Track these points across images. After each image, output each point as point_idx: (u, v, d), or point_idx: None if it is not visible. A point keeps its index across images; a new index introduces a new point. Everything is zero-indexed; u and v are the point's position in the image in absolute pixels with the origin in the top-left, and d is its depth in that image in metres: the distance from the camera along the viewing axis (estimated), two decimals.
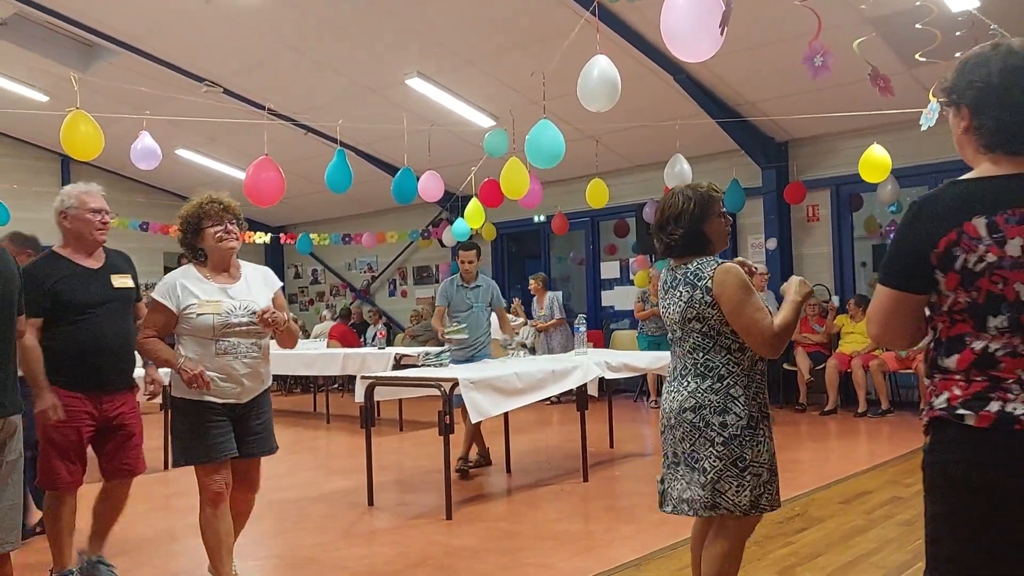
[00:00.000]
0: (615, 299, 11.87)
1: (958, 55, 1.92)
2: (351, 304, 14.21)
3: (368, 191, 11.74)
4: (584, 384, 5.81)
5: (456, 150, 10.16)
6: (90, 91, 7.98)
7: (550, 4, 7.51)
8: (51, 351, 3.55)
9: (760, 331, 2.65)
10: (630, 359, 6.52)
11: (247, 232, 3.68)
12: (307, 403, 11.30)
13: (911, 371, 8.44)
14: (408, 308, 13.89)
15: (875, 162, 7.48)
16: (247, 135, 10.35)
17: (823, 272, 9.90)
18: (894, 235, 1.82)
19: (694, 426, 2.70)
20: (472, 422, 5.35)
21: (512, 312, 10.91)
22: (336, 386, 12.44)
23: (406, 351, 8.17)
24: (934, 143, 7.62)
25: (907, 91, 6.76)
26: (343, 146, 8.46)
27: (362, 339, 12.75)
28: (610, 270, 12.03)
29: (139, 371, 3.95)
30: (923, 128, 5.36)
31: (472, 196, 9.01)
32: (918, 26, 4.90)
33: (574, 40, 5.56)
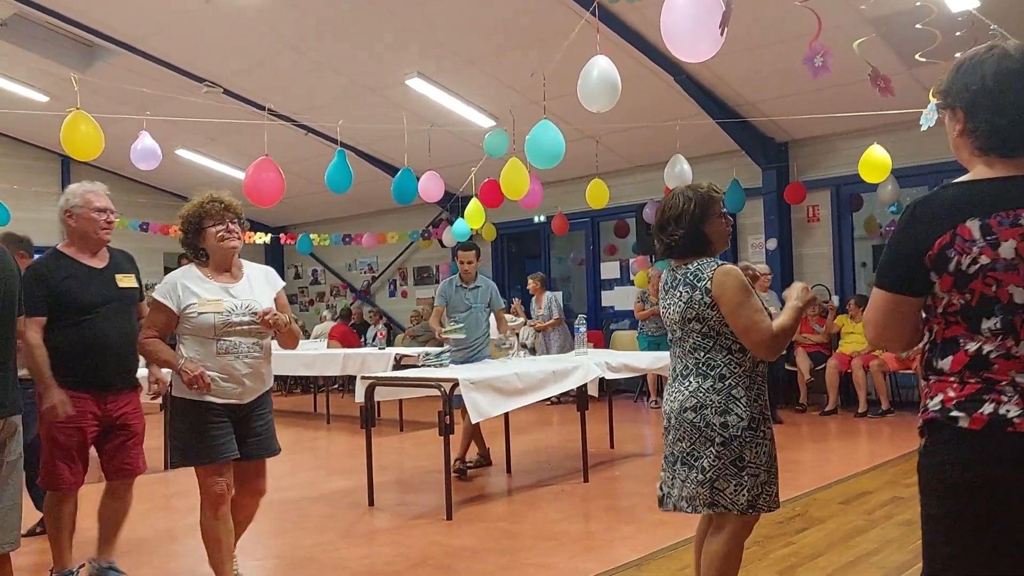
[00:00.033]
0: (615, 299, 11.87)
1: (958, 55, 1.92)
2: (351, 304, 14.21)
3: (368, 191, 11.75)
4: (584, 384, 5.81)
5: (456, 150, 10.16)
6: (90, 91, 7.97)
7: (550, 4, 7.51)
8: (55, 350, 3.54)
9: (758, 333, 2.65)
10: (630, 359, 6.52)
11: (248, 232, 3.65)
12: (307, 403, 11.31)
13: (911, 371, 8.42)
14: (408, 308, 13.89)
15: (875, 162, 7.49)
16: (247, 135, 10.35)
17: (823, 272, 9.90)
18: (890, 238, 1.82)
19: (694, 426, 2.71)
20: (472, 422, 5.35)
21: (512, 312, 10.93)
22: (336, 386, 12.44)
23: (406, 351, 8.17)
24: (934, 143, 7.60)
25: (907, 91, 6.76)
26: (343, 146, 8.46)
27: (362, 339, 12.76)
28: (610, 270, 12.03)
29: (142, 371, 3.93)
30: (923, 128, 5.35)
31: (472, 196, 9.01)
32: (918, 26, 4.89)
33: (574, 40, 5.56)
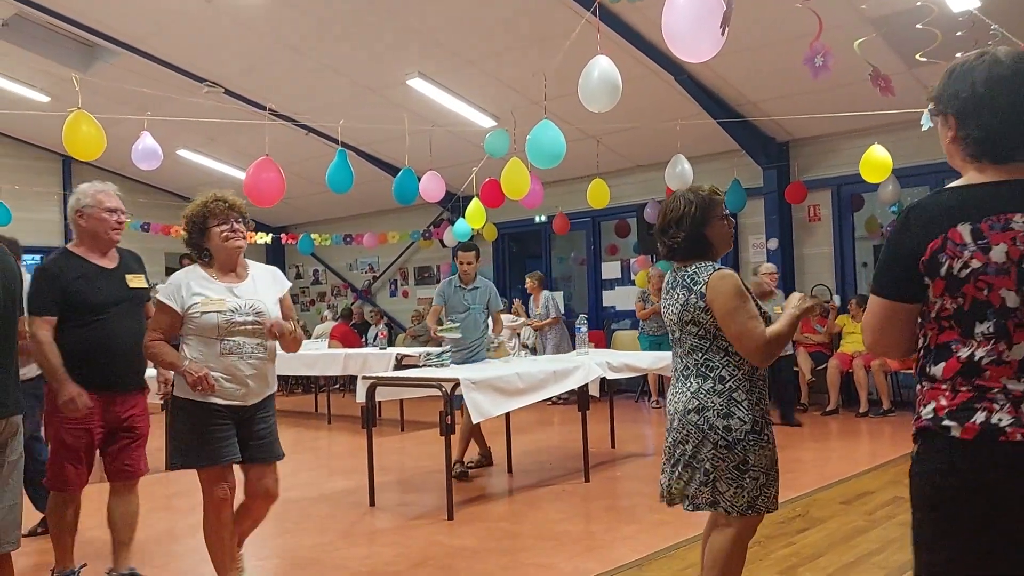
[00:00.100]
0: (616, 299, 11.87)
1: (959, 55, 1.92)
2: (352, 304, 14.21)
3: (369, 191, 11.75)
4: (585, 384, 5.81)
5: (457, 150, 10.17)
6: (91, 92, 7.98)
7: (551, 4, 7.51)
8: (64, 351, 3.52)
9: (750, 339, 2.65)
10: (631, 359, 6.52)
11: (250, 232, 3.63)
12: (308, 403, 11.32)
13: (912, 371, 8.41)
14: (409, 308, 13.90)
15: (876, 162, 7.48)
16: (248, 135, 10.37)
17: (824, 272, 9.90)
18: (884, 245, 1.82)
19: (697, 427, 2.71)
20: (474, 422, 5.35)
21: (513, 312, 10.92)
22: (337, 386, 12.44)
23: (407, 351, 8.18)
24: (935, 143, 7.44)
25: (908, 91, 6.75)
26: (344, 146, 8.46)
27: (363, 339, 12.76)
28: (611, 270, 12.03)
29: (151, 371, 3.91)
30: (924, 128, 5.34)
31: (473, 196, 9.02)
32: (919, 26, 4.90)
33: (575, 40, 5.57)
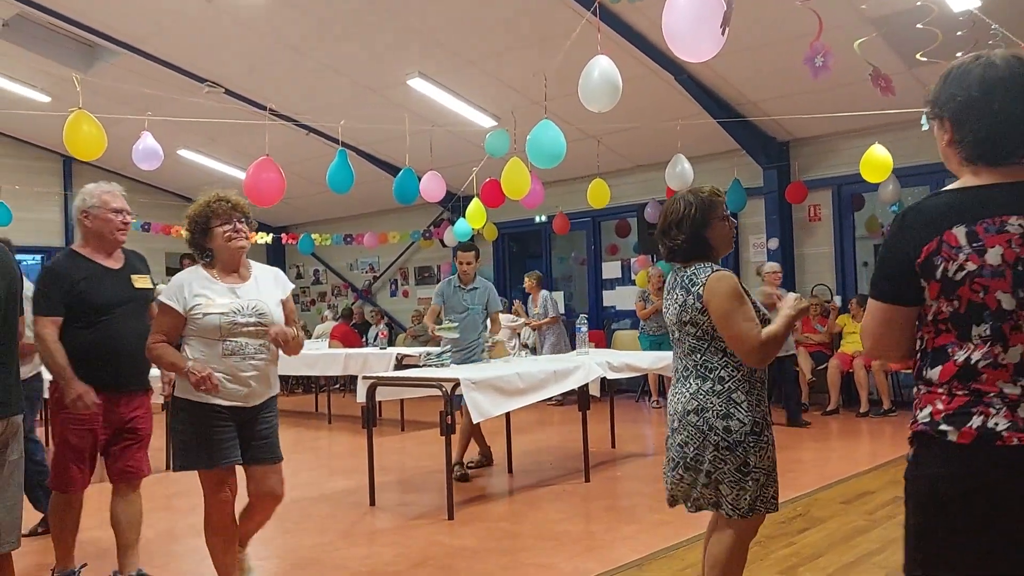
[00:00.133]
0: (616, 299, 11.88)
1: (959, 55, 1.92)
2: (353, 304, 14.22)
3: (370, 191, 11.76)
4: (586, 384, 5.81)
5: (457, 150, 10.17)
6: (92, 92, 7.98)
7: (551, 4, 7.51)
8: (70, 351, 3.52)
9: (745, 341, 2.65)
10: (632, 359, 6.52)
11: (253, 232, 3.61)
12: (309, 403, 11.31)
13: (912, 371, 8.41)
14: (409, 308, 13.90)
15: (876, 162, 7.49)
16: (249, 136, 10.36)
17: (825, 272, 9.90)
18: (881, 248, 1.81)
19: (698, 429, 2.71)
20: (474, 422, 5.34)
21: (514, 313, 10.92)
22: (338, 386, 12.44)
23: (408, 351, 8.18)
24: (935, 143, 7.54)
25: (908, 91, 6.76)
26: (345, 146, 8.46)
27: (364, 339, 12.76)
28: (611, 270, 12.03)
29: (155, 371, 3.88)
30: (924, 128, 5.30)
31: (473, 196, 9.02)
32: (919, 26, 4.90)
33: (575, 40, 5.57)
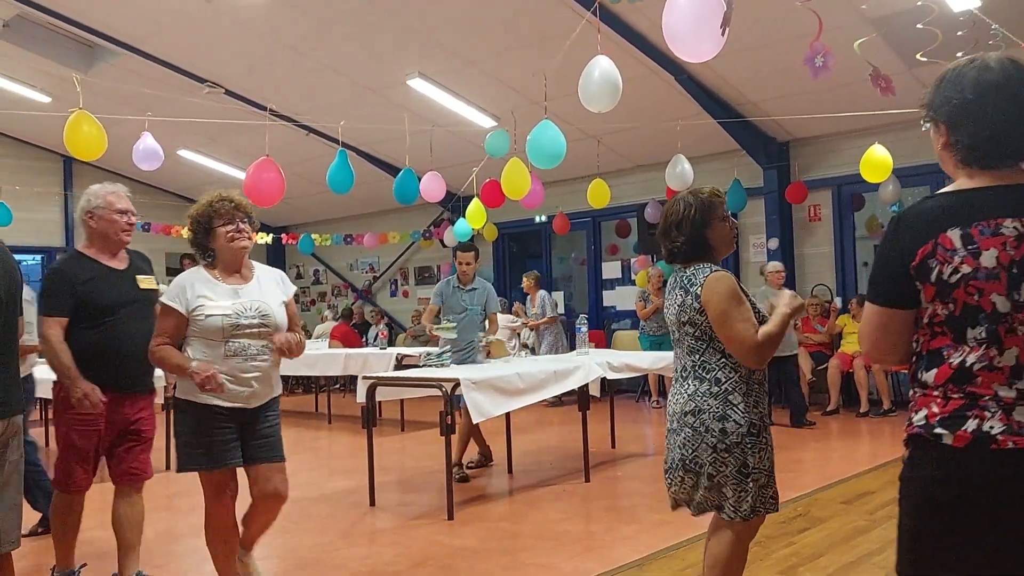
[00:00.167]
0: (616, 299, 11.88)
1: (960, 55, 1.92)
2: (353, 304, 14.22)
3: (370, 192, 11.76)
4: (586, 384, 5.81)
5: (457, 150, 10.17)
6: (92, 92, 7.99)
7: (551, 4, 7.51)
8: (75, 351, 3.51)
9: (743, 342, 2.65)
10: (632, 359, 6.52)
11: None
12: (309, 403, 11.32)
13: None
14: (409, 308, 13.90)
15: (876, 162, 7.49)
16: (249, 136, 10.37)
17: (825, 272, 9.90)
18: (877, 251, 1.81)
19: (695, 430, 2.71)
20: (474, 422, 5.34)
21: (514, 313, 10.92)
22: (338, 386, 12.44)
23: (408, 351, 8.18)
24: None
25: (908, 91, 6.72)
26: (345, 147, 8.46)
27: (364, 339, 12.75)
28: (611, 270, 12.03)
29: (159, 371, 3.90)
30: (924, 128, 5.35)
31: (473, 196, 9.02)
32: (919, 26, 4.90)
33: (575, 40, 5.57)
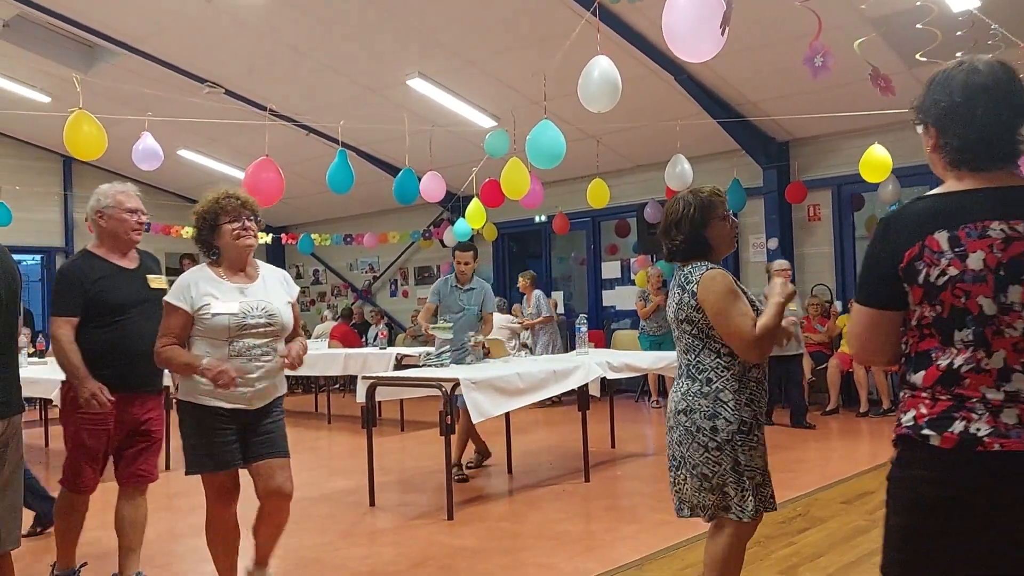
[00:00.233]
0: (616, 299, 11.88)
1: (959, 55, 1.93)
2: (352, 304, 14.22)
3: (369, 192, 11.76)
4: (585, 384, 5.81)
5: (457, 150, 10.17)
6: (92, 92, 7.99)
7: (551, 4, 7.51)
8: (85, 351, 3.50)
9: (741, 336, 2.65)
10: (632, 359, 6.52)
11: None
12: (308, 403, 11.31)
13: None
14: (409, 308, 13.89)
15: (876, 162, 7.49)
16: (249, 136, 10.37)
17: (825, 272, 9.90)
18: (866, 253, 1.82)
19: (687, 430, 2.73)
20: (474, 422, 5.34)
21: (513, 314, 10.91)
22: (337, 386, 12.44)
23: (407, 351, 8.18)
24: None
25: (908, 91, 6.68)
26: (344, 147, 8.47)
27: (363, 339, 12.75)
28: (611, 270, 12.04)
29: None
30: (919, 131, 5.35)
31: (473, 196, 9.02)
32: (919, 26, 4.90)
33: (575, 40, 5.57)
